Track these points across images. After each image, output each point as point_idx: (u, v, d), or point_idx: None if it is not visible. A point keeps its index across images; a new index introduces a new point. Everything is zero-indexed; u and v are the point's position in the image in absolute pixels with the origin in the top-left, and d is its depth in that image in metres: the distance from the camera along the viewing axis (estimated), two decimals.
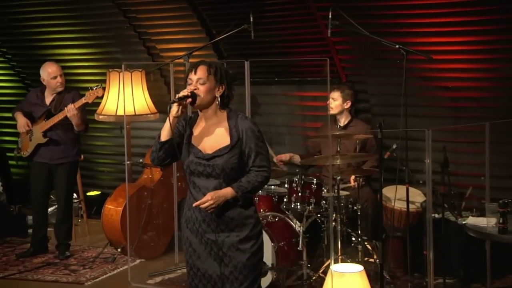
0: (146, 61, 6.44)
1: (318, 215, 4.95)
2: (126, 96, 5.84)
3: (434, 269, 4.31)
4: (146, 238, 5.71)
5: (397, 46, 4.60)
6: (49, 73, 5.58)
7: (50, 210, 6.51)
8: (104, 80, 6.20)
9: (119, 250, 5.66)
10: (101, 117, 6.11)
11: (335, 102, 5.39)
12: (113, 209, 5.67)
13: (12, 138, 7.29)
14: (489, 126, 4.41)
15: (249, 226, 3.17)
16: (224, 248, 3.15)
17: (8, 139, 7.57)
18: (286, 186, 5.03)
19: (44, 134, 5.55)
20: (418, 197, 5.01)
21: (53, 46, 6.93)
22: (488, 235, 3.95)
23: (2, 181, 6.85)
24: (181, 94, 3.09)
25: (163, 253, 5.79)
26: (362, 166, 5.24)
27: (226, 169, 3.10)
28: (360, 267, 3.99)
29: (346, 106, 5.43)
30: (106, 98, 6.05)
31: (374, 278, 4.55)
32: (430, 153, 4.20)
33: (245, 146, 3.13)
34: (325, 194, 4.92)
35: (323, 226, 4.92)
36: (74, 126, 5.48)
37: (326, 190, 4.94)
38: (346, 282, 3.82)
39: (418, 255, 4.70)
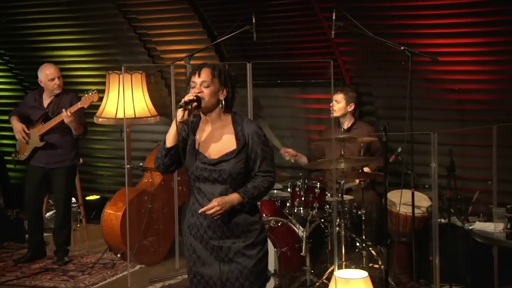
0: (147, 63, 6.44)
1: (322, 220, 4.95)
2: (126, 98, 5.85)
3: (440, 275, 4.31)
4: (146, 243, 5.71)
5: (402, 48, 4.60)
6: (47, 74, 5.59)
7: (49, 214, 6.54)
8: (103, 82, 6.22)
9: (119, 255, 5.66)
10: (100, 120, 6.12)
11: (338, 104, 5.39)
12: (112, 213, 5.67)
13: (10, 142, 7.30)
14: (496, 129, 4.41)
15: (255, 232, 3.16)
16: (230, 254, 3.13)
17: (6, 143, 7.58)
18: (289, 190, 5.04)
19: (41, 137, 5.55)
20: (423, 201, 5.01)
21: (51, 48, 6.94)
22: (495, 241, 3.95)
23: (0, 185, 6.85)
24: (186, 98, 3.06)
25: (164, 258, 5.78)
26: (363, 169, 5.23)
27: (233, 174, 3.09)
28: (364, 273, 3.99)
29: (350, 109, 5.43)
30: (106, 100, 6.06)
31: (379, 284, 4.54)
32: (436, 156, 4.20)
33: (251, 150, 3.12)
34: (328, 198, 4.92)
35: (327, 231, 4.92)
36: (73, 130, 5.49)
37: (329, 195, 4.94)
38: None
39: (424, 261, 4.70)
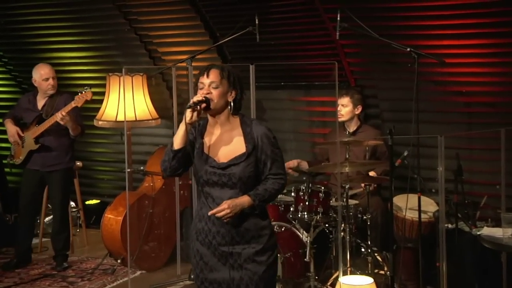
0: (148, 65, 6.45)
1: (326, 225, 4.95)
2: (126, 101, 5.86)
3: (447, 282, 4.30)
4: (147, 248, 5.71)
5: (408, 49, 4.60)
6: (41, 74, 5.59)
7: (48, 219, 6.54)
8: (104, 84, 6.23)
9: (119, 261, 5.66)
10: (100, 123, 6.12)
11: (346, 108, 5.38)
12: (113, 218, 5.67)
13: (6, 145, 7.30)
14: (504, 132, 4.40)
15: (265, 237, 3.16)
16: (239, 260, 3.11)
17: (3, 146, 7.59)
18: (292, 194, 5.02)
19: (36, 140, 5.55)
20: (430, 206, 5.00)
21: (51, 49, 6.95)
22: (504, 247, 3.95)
23: None
24: (195, 99, 3.05)
25: (165, 264, 5.79)
26: (368, 173, 5.23)
27: (243, 178, 3.08)
28: (370, 280, 3.99)
29: (357, 112, 5.43)
30: (106, 103, 6.07)
31: None
32: (443, 160, 4.19)
33: (261, 153, 3.11)
34: (333, 203, 4.92)
35: (331, 236, 4.92)
36: (70, 131, 5.49)
37: (334, 199, 4.94)
38: None
39: (431, 267, 4.68)
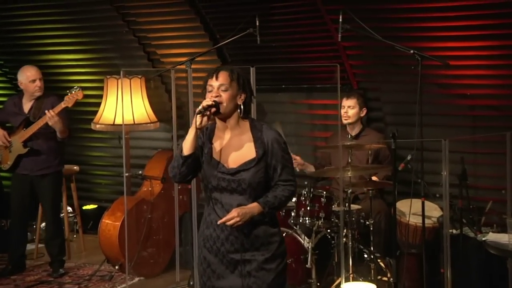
0: (146, 67, 6.45)
1: (328, 231, 4.95)
2: (124, 104, 5.84)
3: None
4: (145, 254, 5.70)
5: (411, 51, 4.60)
6: (28, 76, 5.57)
7: (43, 225, 6.52)
8: (101, 87, 6.22)
9: (117, 267, 5.65)
10: (98, 126, 6.12)
11: (353, 110, 5.39)
12: (110, 223, 5.67)
13: None
14: (510, 136, 4.40)
15: (274, 244, 3.13)
16: (248, 267, 3.09)
17: None
18: (294, 199, 5.02)
19: (24, 144, 5.53)
20: (434, 211, 5.00)
21: (47, 52, 6.96)
22: (510, 253, 3.94)
23: None
24: (204, 103, 3.02)
25: (164, 270, 5.78)
26: (371, 177, 5.22)
27: (252, 184, 3.06)
28: (372, 286, 3.99)
29: (362, 114, 5.44)
30: (104, 106, 6.07)
31: None
32: (447, 164, 4.19)
33: (270, 159, 3.09)
34: (335, 208, 4.91)
35: (333, 242, 4.91)
36: (57, 133, 5.47)
37: (336, 204, 4.93)
38: None
39: (435, 274, 4.68)
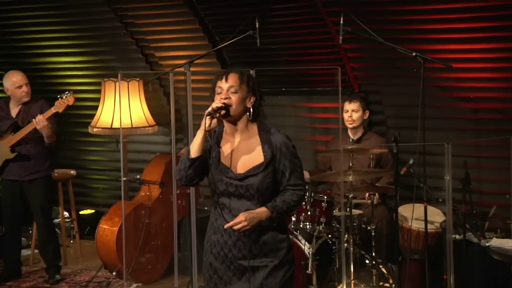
0: (144, 69, 6.45)
1: (329, 236, 4.94)
2: (122, 107, 5.85)
3: None
4: (143, 260, 5.69)
5: (413, 54, 4.60)
6: (13, 82, 5.54)
7: None
8: (99, 90, 6.23)
9: (114, 273, 5.64)
10: (95, 129, 6.12)
11: (357, 113, 5.38)
12: (108, 229, 5.65)
13: None
14: None
15: (283, 250, 3.11)
16: (256, 274, 3.07)
17: None
18: None
19: (12, 149, 5.51)
20: (437, 216, 4.99)
21: (44, 54, 6.96)
22: None
23: None
24: (214, 105, 3.01)
25: (162, 277, 5.77)
26: (376, 183, 5.21)
27: (261, 189, 3.05)
28: None
29: (366, 117, 5.44)
30: (101, 109, 6.06)
31: None
32: (450, 169, 4.19)
33: (279, 163, 3.08)
34: (336, 213, 4.91)
35: (334, 247, 4.90)
36: (45, 138, 5.44)
37: (337, 209, 4.92)
38: None
39: (438, 280, 4.67)
